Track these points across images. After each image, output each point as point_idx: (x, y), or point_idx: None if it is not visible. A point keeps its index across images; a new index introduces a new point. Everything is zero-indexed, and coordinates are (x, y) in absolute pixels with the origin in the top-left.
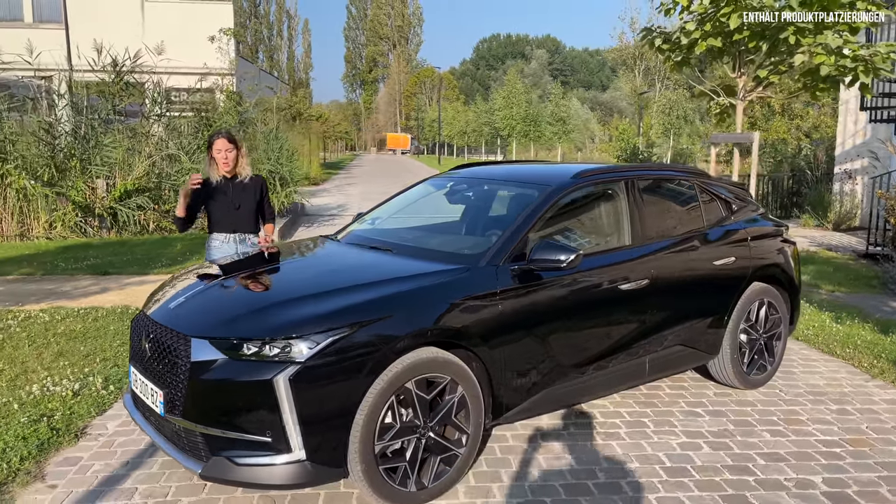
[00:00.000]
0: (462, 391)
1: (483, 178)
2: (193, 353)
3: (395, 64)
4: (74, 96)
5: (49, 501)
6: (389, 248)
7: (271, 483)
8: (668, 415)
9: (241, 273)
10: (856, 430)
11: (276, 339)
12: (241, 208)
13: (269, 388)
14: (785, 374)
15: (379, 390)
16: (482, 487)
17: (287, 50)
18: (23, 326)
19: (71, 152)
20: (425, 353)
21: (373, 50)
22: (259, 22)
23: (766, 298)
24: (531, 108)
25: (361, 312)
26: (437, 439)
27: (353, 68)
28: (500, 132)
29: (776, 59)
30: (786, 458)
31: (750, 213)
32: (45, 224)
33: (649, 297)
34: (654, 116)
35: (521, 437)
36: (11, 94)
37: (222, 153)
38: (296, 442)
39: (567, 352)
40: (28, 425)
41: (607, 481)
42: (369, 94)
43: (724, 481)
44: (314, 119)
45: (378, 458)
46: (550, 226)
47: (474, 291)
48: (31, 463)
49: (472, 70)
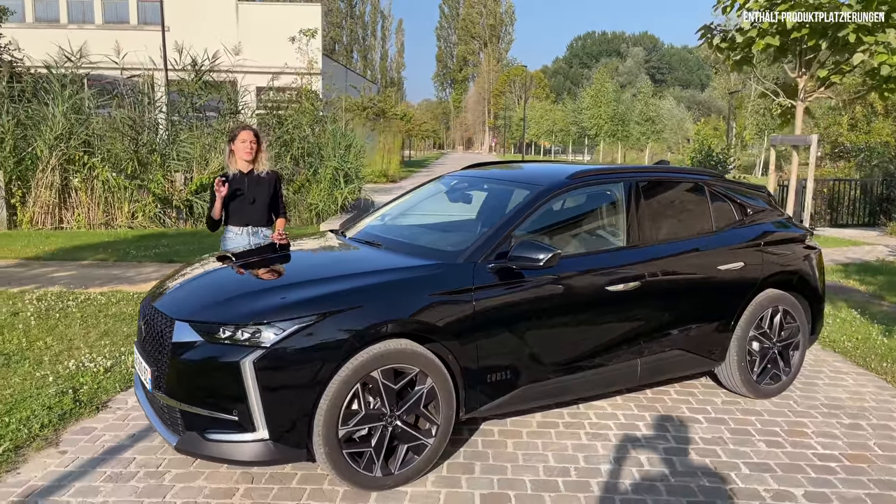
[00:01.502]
0: (431, 383)
1: (484, 177)
2: (175, 335)
3: (485, 63)
4: (158, 94)
5: (56, 464)
6: (381, 243)
7: (237, 459)
8: (665, 419)
9: (233, 264)
10: (861, 445)
11: (248, 324)
12: (256, 202)
13: (236, 370)
14: (806, 384)
15: (343, 378)
16: (452, 478)
17: (380, 49)
18: (80, 307)
19: (152, 147)
20: (393, 345)
21: (464, 49)
22: (355, 22)
23: (782, 306)
24: (619, 106)
25: (329, 303)
26: (404, 428)
27: (443, 67)
28: (588, 132)
29: (838, 59)
30: (773, 470)
31: (768, 218)
32: (127, 214)
33: (641, 300)
34: (748, 117)
35: (507, 432)
36: (101, 92)
37: (247, 143)
38: (260, 422)
39: (547, 351)
40: (56, 396)
41: (578, 480)
42: (459, 93)
43: (698, 487)
44: (398, 118)
45: (342, 442)
46: (542, 225)
47: (447, 287)
48: (51, 430)
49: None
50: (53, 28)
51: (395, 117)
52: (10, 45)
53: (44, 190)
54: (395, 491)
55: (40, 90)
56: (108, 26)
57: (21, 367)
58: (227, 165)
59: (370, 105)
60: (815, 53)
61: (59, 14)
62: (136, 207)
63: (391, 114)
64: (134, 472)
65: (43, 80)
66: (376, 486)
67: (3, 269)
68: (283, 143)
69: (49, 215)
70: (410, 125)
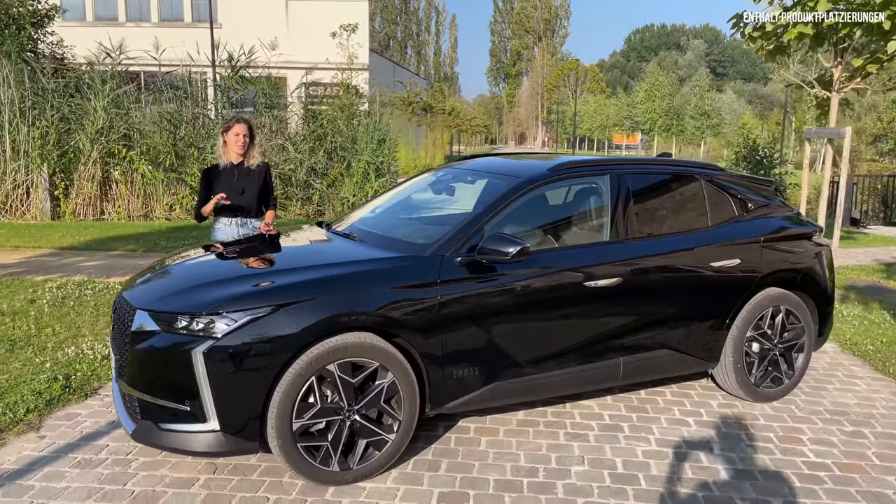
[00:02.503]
0: (392, 377)
1: (470, 169)
2: (135, 323)
3: (539, 57)
4: (194, 89)
5: (31, 449)
6: (357, 235)
7: (188, 449)
8: (652, 421)
9: (207, 254)
10: (858, 454)
11: (202, 314)
12: (245, 193)
13: (188, 361)
14: (814, 388)
15: (297, 370)
16: (415, 475)
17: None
18: (96, 296)
19: (189, 141)
20: (352, 338)
21: (517, 43)
22: (409, 18)
23: (784, 306)
24: (674, 101)
25: (284, 294)
26: (363, 423)
27: (497, 62)
28: (641, 126)
29: (874, 48)
30: (754, 478)
31: (773, 213)
32: (165, 206)
33: (622, 297)
34: (809, 111)
35: (484, 429)
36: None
37: (240, 137)
38: (211, 413)
39: (518, 347)
40: (46, 382)
41: (544, 481)
42: (512, 88)
43: (668, 493)
44: (446, 113)
45: (297, 435)
46: (519, 219)
47: (410, 280)
48: (35, 415)
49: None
50: (112, 26)
51: (443, 112)
52: (61, 42)
53: (86, 182)
54: (352, 486)
55: (83, 86)
56: (163, 24)
57: (24, 353)
58: (219, 155)
59: (415, 100)
60: (850, 42)
61: (118, 12)
62: (173, 200)
63: (438, 109)
64: (103, 458)
65: (86, 76)
66: (333, 481)
67: (36, 258)
68: (317, 137)
69: (91, 207)
70: (459, 120)
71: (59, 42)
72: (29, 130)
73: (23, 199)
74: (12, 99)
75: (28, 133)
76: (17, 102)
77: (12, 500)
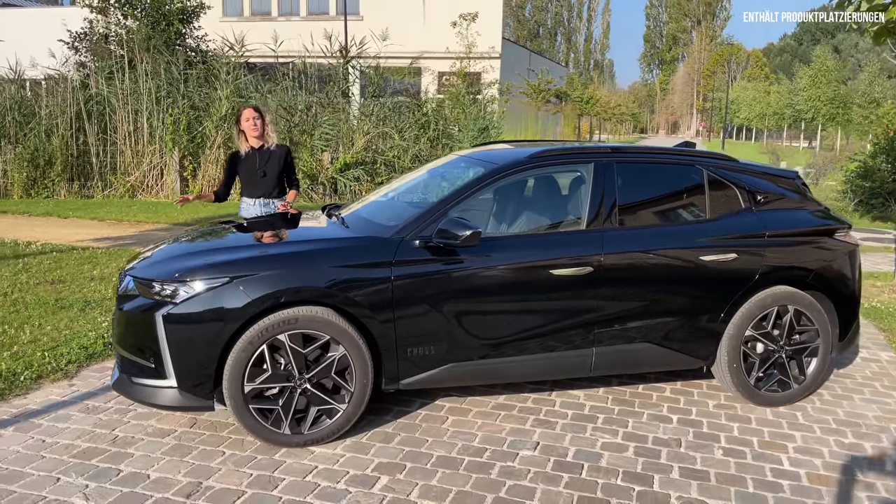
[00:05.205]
0: (344, 350)
1: (467, 156)
2: (121, 287)
3: (697, 41)
4: (309, 79)
5: (59, 394)
6: (344, 216)
7: (153, 402)
8: (633, 415)
9: (206, 230)
10: (840, 468)
11: (170, 281)
12: (266, 175)
13: (151, 322)
14: (838, 396)
15: (248, 338)
16: (366, 444)
17: (585, 31)
18: None
19: (303, 129)
20: (303, 311)
21: (674, 27)
22: (560, 4)
23: (793, 306)
24: (840, 88)
25: (242, 266)
26: (314, 392)
27: (651, 48)
28: (803, 115)
29: None
30: (706, 479)
31: (787, 207)
32: None
33: (594, 287)
34: None
35: (457, 409)
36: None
37: (250, 121)
38: (170, 371)
39: (476, 330)
40: (94, 339)
41: (484, 462)
42: (666, 75)
43: (602, 486)
44: (583, 101)
45: (249, 398)
46: (491, 204)
47: (364, 259)
48: (74, 366)
49: (794, 46)
50: (266, 21)
51: (579, 101)
52: (205, 36)
53: (210, 165)
54: (304, 449)
55: (210, 76)
56: (311, 17)
57: (92, 313)
58: (239, 144)
59: (546, 88)
60: None
61: (271, 8)
62: None
63: (575, 97)
64: (108, 407)
65: (215, 67)
66: (283, 443)
67: (150, 232)
68: (421, 126)
69: (214, 187)
70: (598, 108)
71: (204, 37)
72: (163, 118)
73: (157, 179)
74: (150, 89)
75: (162, 120)
76: (154, 92)
77: (20, 434)
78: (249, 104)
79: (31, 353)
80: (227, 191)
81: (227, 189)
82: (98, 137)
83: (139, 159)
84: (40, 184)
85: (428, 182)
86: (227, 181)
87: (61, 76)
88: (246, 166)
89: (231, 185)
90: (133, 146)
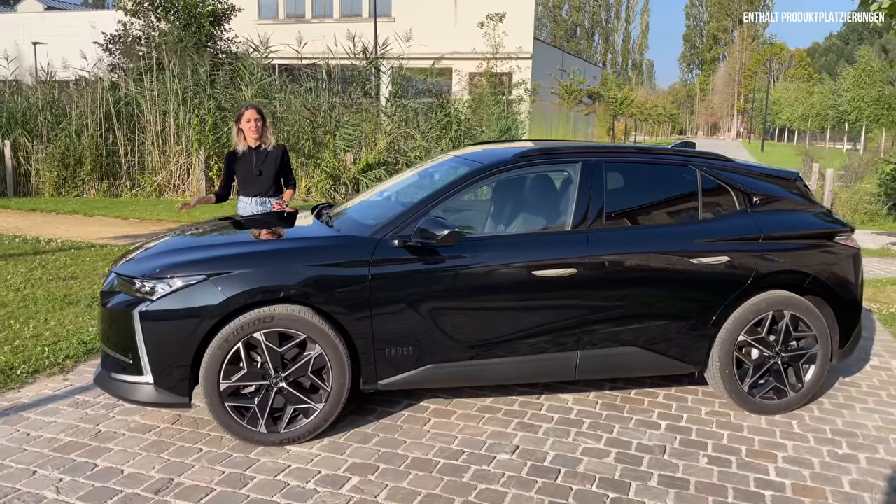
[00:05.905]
0: (320, 350)
1: (458, 156)
2: (106, 283)
3: (738, 41)
4: (333, 80)
5: (52, 388)
6: (329, 213)
7: (130, 398)
8: (621, 421)
9: (195, 227)
10: (830, 479)
11: (149, 278)
12: (263, 174)
13: (129, 319)
14: (839, 405)
15: (224, 335)
16: (342, 444)
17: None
18: None
19: (326, 129)
20: (279, 309)
21: (715, 26)
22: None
23: (789, 310)
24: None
25: (219, 264)
26: (291, 391)
27: (691, 47)
28: (847, 116)
29: None
30: (684, 488)
31: (785, 209)
32: (303, 189)
33: (577, 289)
34: None
35: (441, 411)
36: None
37: (251, 122)
38: (146, 367)
39: (455, 332)
40: (93, 334)
41: (458, 465)
42: (706, 75)
43: (577, 491)
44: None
45: (225, 395)
46: (474, 204)
47: (341, 258)
48: (71, 361)
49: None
50: (300, 23)
51: (613, 101)
52: (235, 38)
53: None
54: (280, 448)
55: (236, 77)
56: (344, 19)
57: (98, 310)
58: (237, 143)
59: (577, 88)
60: None
61: (305, 10)
62: (311, 183)
63: (609, 97)
64: (97, 402)
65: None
66: (258, 441)
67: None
68: (443, 126)
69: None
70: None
71: (234, 38)
72: (189, 118)
73: (183, 179)
74: (177, 90)
75: (188, 120)
76: (181, 93)
77: (6, 426)
78: (251, 104)
79: (32, 348)
80: (227, 190)
81: (227, 188)
82: (126, 137)
83: (166, 159)
84: (71, 182)
85: (418, 182)
86: (226, 180)
87: (95, 77)
88: (242, 165)
89: (230, 184)
90: (160, 146)
